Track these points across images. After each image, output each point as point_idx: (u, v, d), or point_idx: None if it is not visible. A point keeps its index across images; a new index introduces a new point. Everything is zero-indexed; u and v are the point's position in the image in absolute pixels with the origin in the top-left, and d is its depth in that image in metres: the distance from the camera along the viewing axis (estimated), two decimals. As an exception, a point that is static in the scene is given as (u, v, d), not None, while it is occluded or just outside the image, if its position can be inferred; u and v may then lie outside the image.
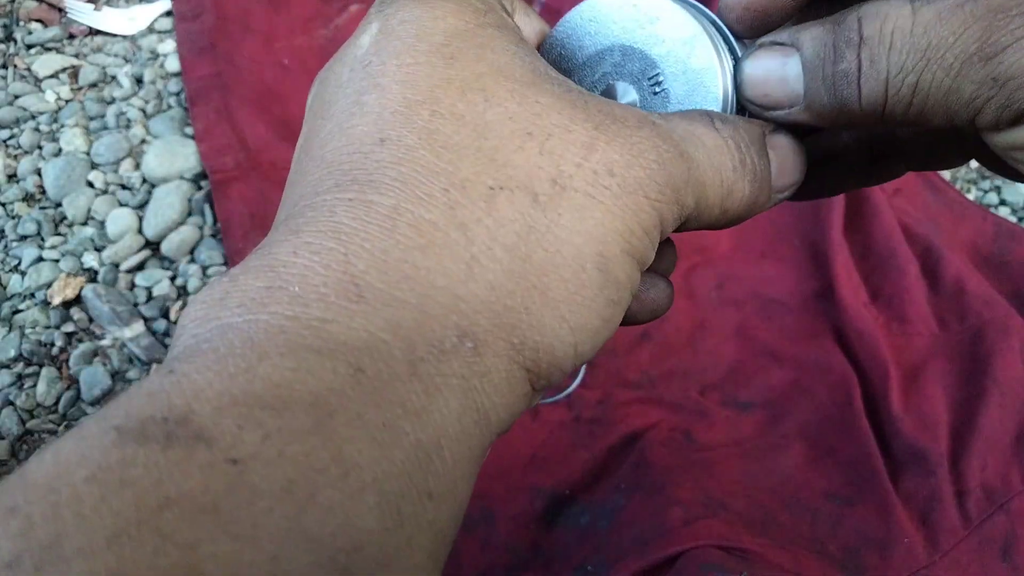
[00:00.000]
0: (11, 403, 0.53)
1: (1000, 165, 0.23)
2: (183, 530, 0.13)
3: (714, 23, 0.24)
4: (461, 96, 0.20)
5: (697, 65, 0.24)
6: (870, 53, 0.21)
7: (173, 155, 0.62)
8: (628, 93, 0.25)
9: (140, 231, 0.59)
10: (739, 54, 0.24)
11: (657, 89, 0.25)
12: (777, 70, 0.23)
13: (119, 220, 0.59)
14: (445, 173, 0.19)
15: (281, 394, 0.15)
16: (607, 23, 0.25)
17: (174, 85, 0.66)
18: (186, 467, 0.14)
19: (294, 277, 0.17)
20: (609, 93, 0.25)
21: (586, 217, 0.19)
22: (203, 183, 0.62)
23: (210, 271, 0.58)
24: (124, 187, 0.61)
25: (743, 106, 0.24)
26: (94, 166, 0.62)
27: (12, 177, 0.61)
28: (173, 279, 0.58)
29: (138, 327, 0.56)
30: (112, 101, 0.66)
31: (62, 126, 0.64)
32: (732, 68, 0.24)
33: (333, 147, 0.20)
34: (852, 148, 0.28)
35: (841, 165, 0.28)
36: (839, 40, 0.22)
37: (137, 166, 0.62)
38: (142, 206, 0.60)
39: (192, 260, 0.59)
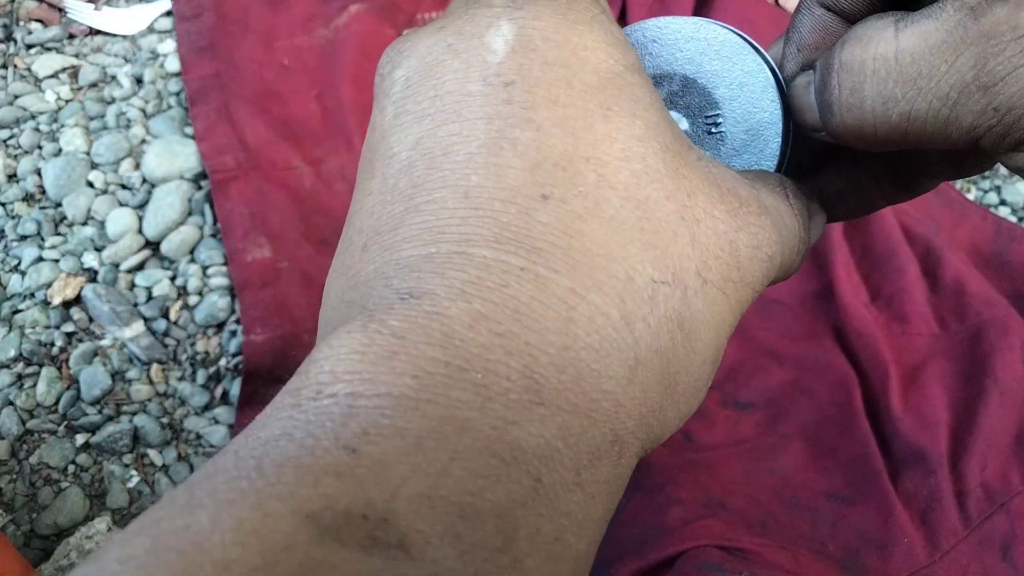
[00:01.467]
0: (11, 403, 0.53)
1: None
2: None
3: (769, 64, 0.24)
4: (625, 162, 0.17)
5: (761, 117, 0.23)
6: (851, 81, 0.20)
7: (173, 155, 0.62)
8: (680, 124, 0.24)
9: (140, 231, 0.59)
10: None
11: (713, 130, 0.24)
12: (805, 96, 0.23)
13: (119, 220, 0.59)
14: (617, 258, 0.17)
15: (473, 503, 0.14)
16: (672, 49, 0.24)
17: (174, 85, 0.67)
18: None
19: (475, 359, 0.15)
20: None
21: (715, 313, 0.19)
22: (203, 183, 0.62)
23: (210, 271, 0.58)
24: (124, 187, 0.61)
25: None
26: (94, 166, 0.62)
27: (12, 177, 0.61)
28: (173, 279, 0.58)
29: (138, 327, 0.56)
30: (112, 101, 0.66)
31: (62, 126, 0.64)
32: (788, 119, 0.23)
33: (480, 184, 0.17)
34: (875, 167, 0.27)
35: (865, 185, 0.28)
36: (825, 65, 0.21)
37: (137, 166, 0.62)
38: (142, 206, 0.61)
39: (192, 260, 0.59)
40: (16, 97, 0.65)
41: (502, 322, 0.16)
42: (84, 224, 0.60)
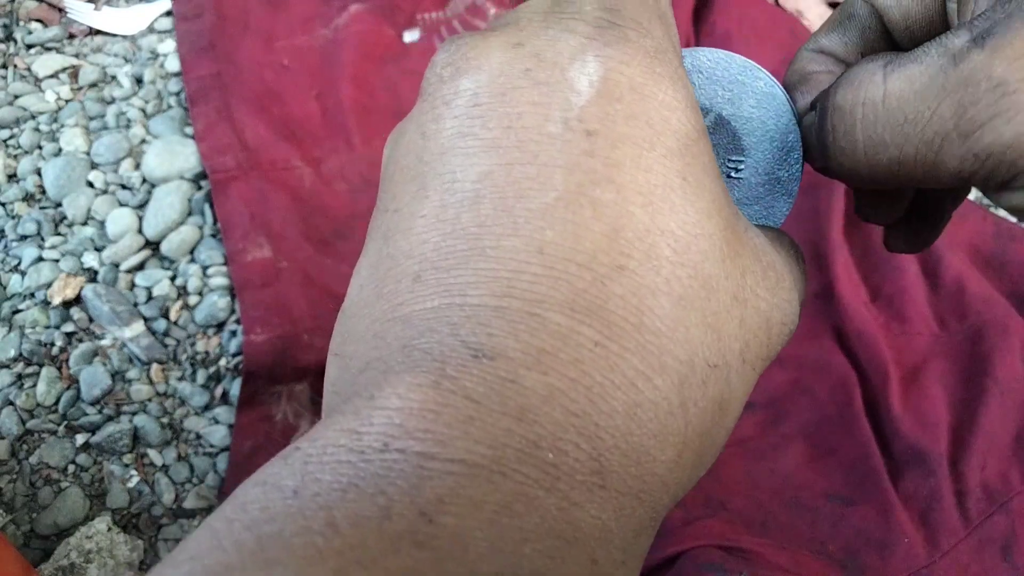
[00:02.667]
0: (11, 403, 0.53)
1: None
2: None
3: (794, 110, 0.24)
4: (695, 239, 0.17)
5: (782, 176, 0.23)
6: (843, 125, 0.20)
7: (173, 155, 0.62)
8: None
9: (140, 231, 0.59)
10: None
11: (733, 174, 0.24)
12: (811, 136, 0.23)
13: (119, 220, 0.59)
14: (682, 341, 0.17)
15: None
16: (716, 85, 0.23)
17: (174, 85, 0.67)
18: None
19: (548, 436, 0.15)
20: None
21: (746, 389, 0.19)
22: (203, 183, 0.62)
23: (210, 271, 0.58)
24: (124, 187, 0.61)
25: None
26: (94, 166, 0.62)
27: (12, 177, 0.61)
28: (173, 279, 0.58)
29: (138, 327, 0.56)
30: (112, 101, 0.66)
31: (62, 126, 0.64)
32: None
33: (556, 241, 0.16)
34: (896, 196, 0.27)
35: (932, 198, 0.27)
36: (822, 107, 0.21)
37: (137, 166, 0.62)
38: (142, 206, 0.61)
39: (192, 260, 0.59)
40: (16, 97, 0.65)
41: (577, 400, 0.15)
42: (84, 224, 0.60)
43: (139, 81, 0.67)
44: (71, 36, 0.69)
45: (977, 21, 0.19)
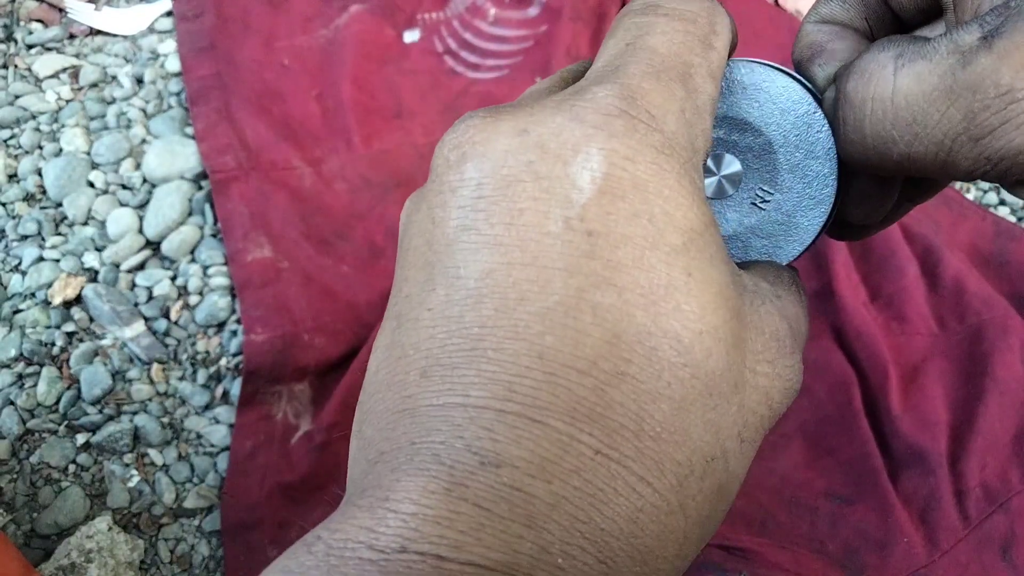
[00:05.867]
0: (12, 403, 0.53)
1: None
2: None
3: (839, 182, 0.23)
4: (699, 336, 0.17)
5: (803, 224, 0.23)
6: (852, 117, 0.20)
7: (173, 155, 0.62)
8: (732, 165, 0.24)
9: (141, 231, 0.59)
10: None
11: (758, 203, 0.23)
12: (830, 115, 0.22)
13: (120, 220, 0.59)
14: (681, 443, 0.17)
15: None
16: (770, 109, 0.23)
17: (174, 85, 0.67)
18: None
19: (557, 543, 0.15)
20: (717, 158, 0.24)
21: (746, 465, 0.19)
22: (203, 183, 0.62)
23: (210, 271, 0.59)
24: (125, 187, 0.62)
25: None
26: (95, 166, 0.62)
27: (13, 177, 0.61)
28: (174, 279, 0.58)
29: (139, 327, 0.56)
30: (112, 101, 0.66)
31: (63, 126, 0.64)
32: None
33: (556, 347, 0.16)
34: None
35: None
36: (836, 92, 0.21)
37: (138, 166, 0.62)
38: (143, 206, 0.61)
39: (193, 260, 0.59)
40: (17, 97, 0.65)
41: (582, 508, 0.16)
42: (85, 224, 0.60)
43: (139, 81, 0.67)
44: (71, 36, 0.69)
45: (988, 16, 0.18)
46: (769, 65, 0.23)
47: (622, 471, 0.16)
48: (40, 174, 0.61)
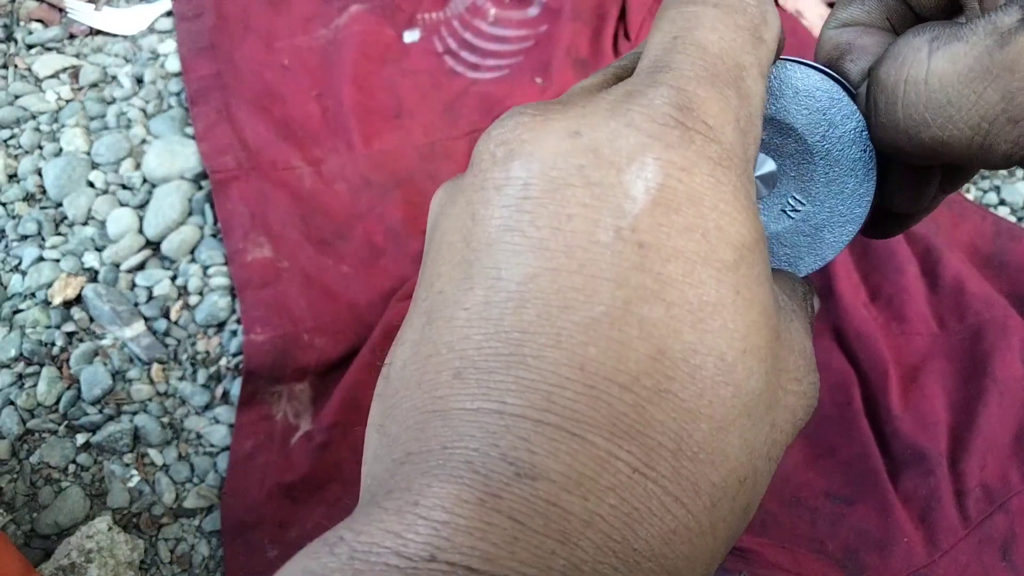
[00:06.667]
0: (12, 403, 0.53)
1: None
2: None
3: (871, 203, 0.23)
4: (742, 355, 0.17)
5: (830, 239, 0.23)
6: (884, 100, 0.20)
7: (173, 155, 0.62)
8: (766, 164, 0.23)
9: (141, 231, 0.59)
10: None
11: (788, 211, 0.23)
12: (861, 105, 0.22)
13: (120, 220, 0.59)
14: (718, 464, 0.16)
15: None
16: (819, 119, 0.22)
17: (174, 85, 0.67)
18: None
19: (590, 560, 0.15)
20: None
21: (767, 483, 0.19)
22: (203, 183, 0.62)
23: (210, 271, 0.59)
24: (125, 187, 0.62)
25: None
26: (95, 166, 0.62)
27: (13, 177, 0.61)
28: (174, 279, 0.58)
29: (139, 327, 0.56)
30: (113, 101, 0.66)
31: (63, 126, 0.64)
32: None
33: (598, 359, 0.16)
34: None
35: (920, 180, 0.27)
36: (869, 80, 0.21)
37: (138, 166, 0.62)
38: (143, 206, 0.61)
39: (193, 260, 0.59)
40: (17, 97, 0.65)
41: (616, 527, 0.15)
42: (85, 224, 0.60)
43: (139, 81, 0.67)
44: (71, 36, 0.69)
45: None
46: (823, 72, 0.22)
47: (658, 491, 0.16)
48: (40, 174, 0.61)
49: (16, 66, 0.67)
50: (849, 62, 0.23)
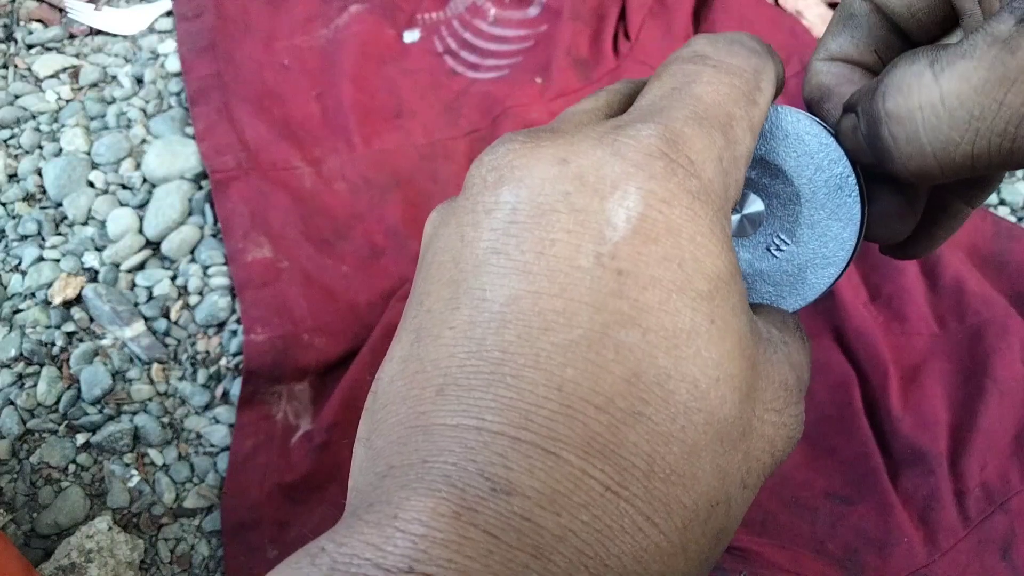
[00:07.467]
0: (11, 403, 0.53)
1: None
2: None
3: (857, 249, 0.23)
4: (716, 383, 0.17)
5: (810, 280, 0.23)
6: (903, 131, 0.20)
7: (174, 155, 0.62)
8: (755, 204, 0.24)
9: (141, 231, 0.59)
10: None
11: (774, 250, 0.24)
12: (853, 138, 0.22)
13: (120, 220, 0.59)
14: (689, 487, 0.17)
15: None
16: (807, 163, 0.23)
17: (174, 85, 0.67)
18: None
19: (561, 574, 0.16)
20: (743, 196, 0.24)
21: (744, 511, 0.19)
22: (204, 183, 0.62)
23: (211, 271, 0.59)
24: (125, 187, 0.62)
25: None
26: (95, 166, 0.62)
27: (12, 177, 0.61)
28: (174, 279, 0.58)
29: (139, 327, 0.56)
30: (112, 101, 0.66)
31: (62, 126, 0.64)
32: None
33: (575, 380, 0.16)
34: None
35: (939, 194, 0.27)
36: (869, 116, 0.21)
37: (138, 166, 0.62)
38: (143, 206, 0.61)
39: (193, 260, 0.59)
40: (16, 97, 0.65)
41: (588, 543, 0.16)
42: (85, 224, 0.60)
43: (139, 81, 0.67)
44: (71, 36, 0.69)
45: (1016, 3, 0.18)
46: (814, 120, 0.23)
47: (630, 509, 0.16)
48: (40, 174, 0.61)
49: (16, 66, 0.67)
50: (827, 111, 0.23)
